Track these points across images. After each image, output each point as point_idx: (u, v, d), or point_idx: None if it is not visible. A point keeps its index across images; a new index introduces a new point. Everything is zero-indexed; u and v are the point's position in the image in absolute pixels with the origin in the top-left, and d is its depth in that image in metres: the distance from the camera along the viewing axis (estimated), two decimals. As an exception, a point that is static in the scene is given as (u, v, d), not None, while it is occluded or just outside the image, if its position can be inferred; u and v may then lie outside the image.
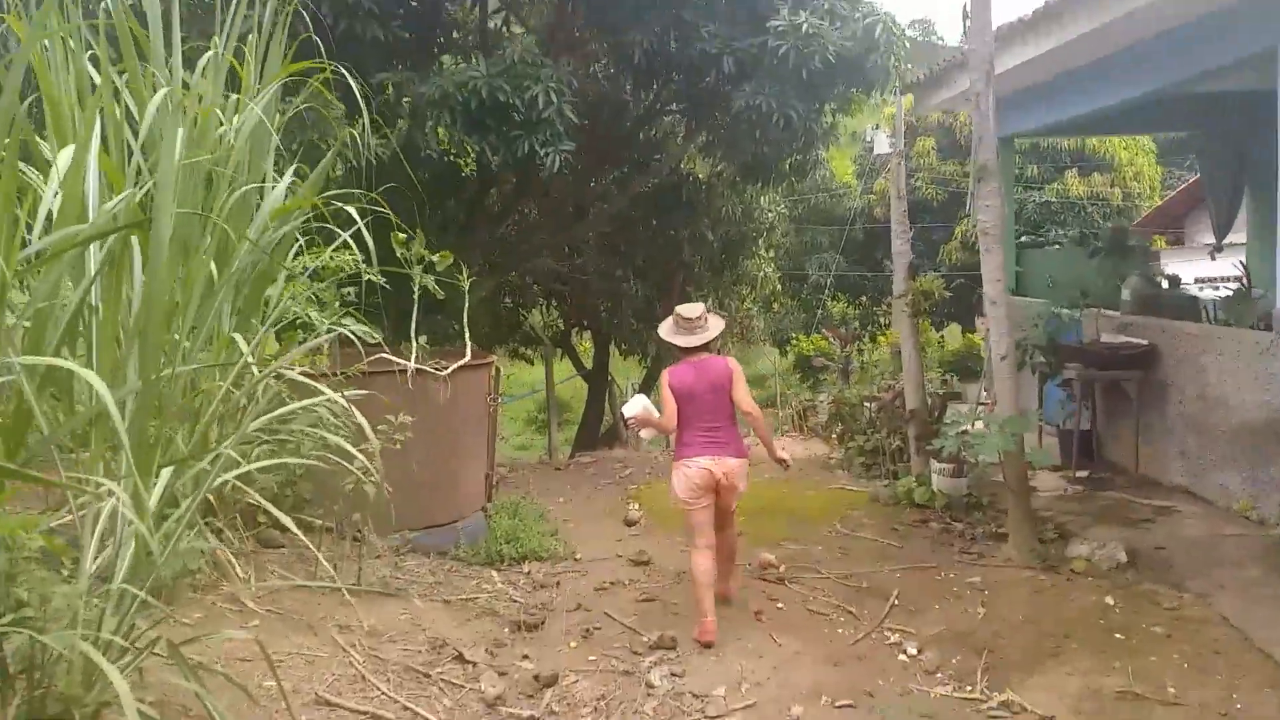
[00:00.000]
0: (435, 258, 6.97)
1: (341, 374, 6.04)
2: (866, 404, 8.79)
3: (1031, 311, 8.54)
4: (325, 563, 4.75)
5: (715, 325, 5.40)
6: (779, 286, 16.26)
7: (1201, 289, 9.67)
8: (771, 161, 12.20)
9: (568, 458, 12.62)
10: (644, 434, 6.18)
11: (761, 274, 15.68)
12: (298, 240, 5.38)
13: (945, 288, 7.42)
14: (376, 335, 7.11)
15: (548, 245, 13.40)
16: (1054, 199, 20.93)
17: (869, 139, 23.36)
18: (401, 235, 6.93)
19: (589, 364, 17.46)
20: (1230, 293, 7.96)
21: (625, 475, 10.23)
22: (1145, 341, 7.09)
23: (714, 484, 5.22)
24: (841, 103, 11.36)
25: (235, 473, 4.18)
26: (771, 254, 16.37)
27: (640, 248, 13.18)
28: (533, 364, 18.34)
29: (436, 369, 6.64)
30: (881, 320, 23.66)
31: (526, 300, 16.77)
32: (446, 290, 11.70)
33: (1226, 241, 10.39)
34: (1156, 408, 7.12)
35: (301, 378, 4.85)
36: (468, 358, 7.05)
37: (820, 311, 21.62)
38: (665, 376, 5.39)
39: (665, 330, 5.56)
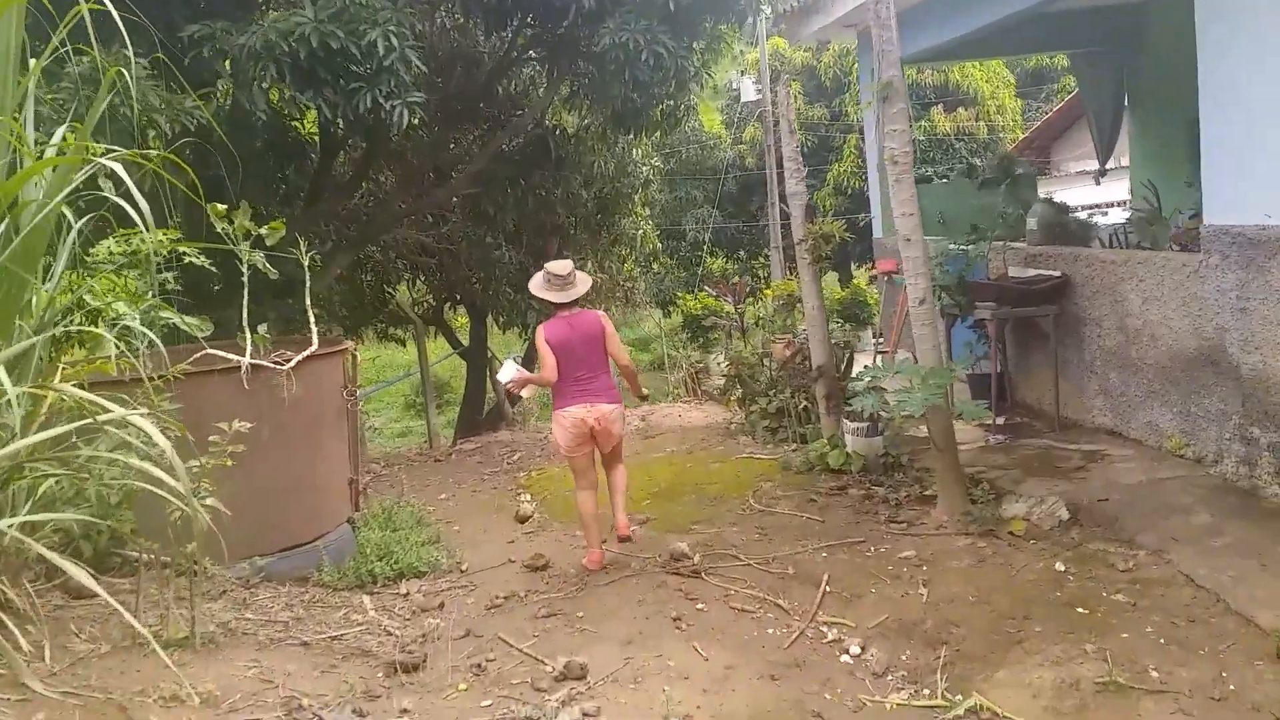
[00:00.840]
0: (264, 230, 5.92)
1: (156, 379, 4.99)
2: (765, 362, 8.15)
3: (938, 250, 8.04)
4: (133, 619, 3.75)
5: (584, 282, 5.61)
6: (659, 245, 15.52)
7: (1091, 216, 9.36)
8: (643, 109, 11.36)
9: (450, 444, 11.65)
10: (525, 393, 6.24)
11: (640, 232, 14.89)
12: (69, 219, 4.31)
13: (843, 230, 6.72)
14: (204, 328, 6.08)
15: (407, 214, 12.31)
16: (921, 136, 20.81)
17: (735, 86, 22.78)
18: (221, 207, 5.85)
19: (467, 340, 16.42)
20: (1130, 217, 7.60)
21: (514, 461, 9.36)
22: (1058, 273, 6.61)
23: (589, 430, 5.53)
24: (711, 40, 10.59)
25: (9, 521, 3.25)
26: (647, 212, 15.61)
27: (510, 212, 12.18)
28: (405, 345, 17.21)
29: (277, 362, 5.63)
30: (761, 273, 23.30)
31: (391, 276, 15.62)
32: (293, 270, 10.55)
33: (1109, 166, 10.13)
34: (1073, 344, 6.67)
35: (82, 392, 3.84)
36: (314, 346, 6.05)
37: (700, 269, 21.05)
38: (541, 332, 5.54)
39: (536, 287, 5.64)
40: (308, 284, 6.53)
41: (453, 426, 16.71)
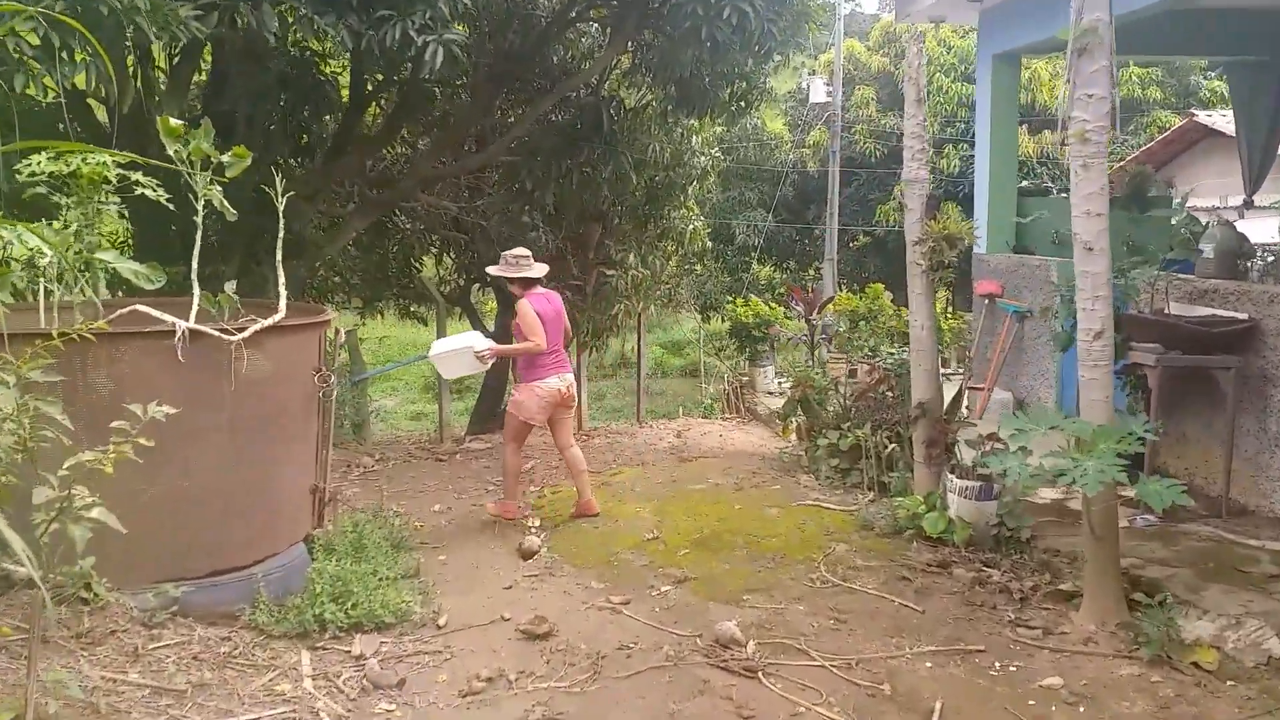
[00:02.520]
0: (225, 157, 4.53)
1: (35, 339, 3.61)
2: (840, 388, 6.67)
3: (1065, 274, 6.51)
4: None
5: (541, 267, 6.07)
6: (708, 243, 14.01)
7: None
8: (711, 88, 9.91)
9: (459, 440, 10.20)
10: (489, 363, 6.34)
11: (690, 228, 13.39)
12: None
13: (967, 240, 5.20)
14: (155, 279, 4.73)
15: (438, 179, 10.94)
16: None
17: (805, 86, 21.23)
18: (176, 123, 4.48)
19: (491, 326, 15.01)
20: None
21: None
22: (1244, 316, 5.09)
23: (561, 398, 5.94)
24: (798, 17, 9.10)
25: None
26: (697, 209, 14.13)
27: (551, 188, 10.75)
28: (426, 324, 15.82)
29: (225, 331, 4.23)
30: (810, 287, 21.72)
31: (418, 249, 14.27)
32: (301, 226, 9.14)
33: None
34: (1255, 409, 5.12)
35: None
36: (281, 313, 4.64)
37: (748, 276, 19.51)
38: (528, 304, 5.83)
39: (500, 269, 6.06)
40: (281, 239, 5.16)
41: (469, 414, 15.32)
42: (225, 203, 4.69)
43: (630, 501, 6.21)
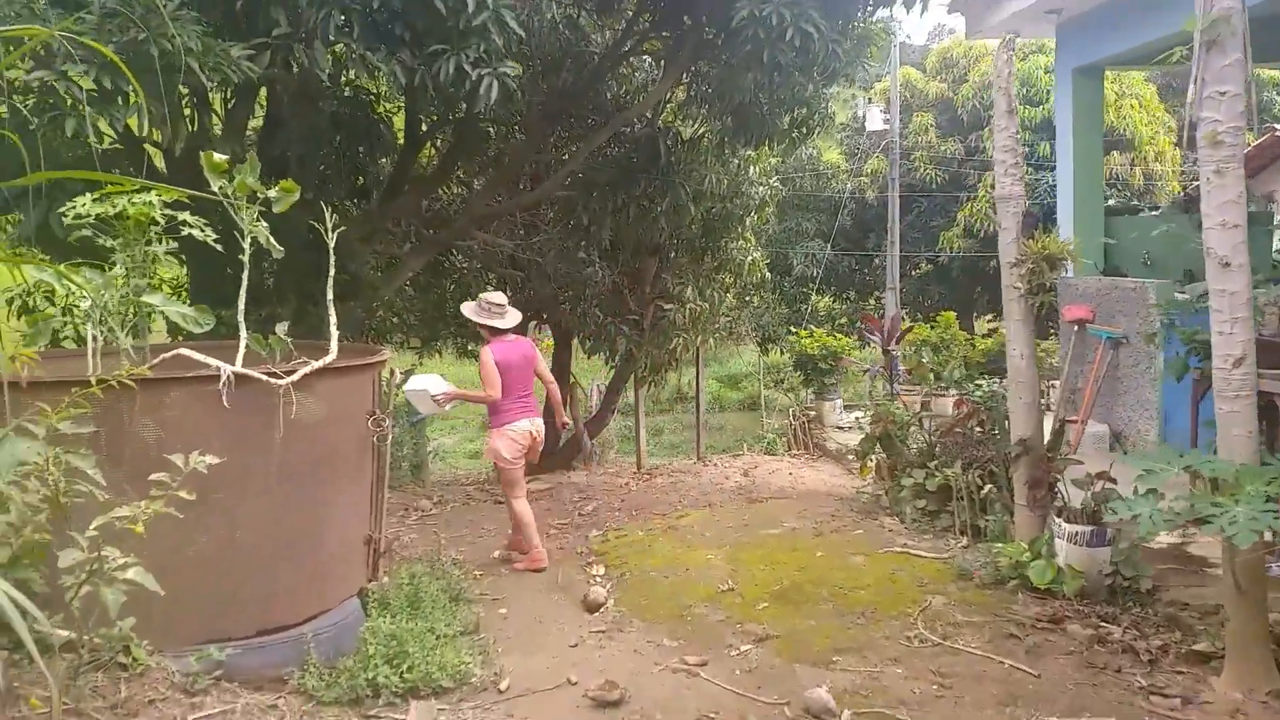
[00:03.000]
0: (272, 193, 4.29)
1: (73, 387, 3.38)
2: (923, 423, 6.21)
3: (1164, 296, 6.02)
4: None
5: (516, 314, 6.25)
6: (766, 275, 13.63)
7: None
8: (769, 116, 9.60)
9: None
10: (448, 407, 6.28)
11: (749, 260, 13.02)
12: None
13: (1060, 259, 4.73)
14: (203, 322, 4.53)
15: (493, 217, 10.74)
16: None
17: (861, 113, 20.84)
18: (220, 158, 4.26)
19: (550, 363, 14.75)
20: None
21: (587, 513, 7.57)
22: (1384, 337, 4.58)
23: (531, 441, 5.99)
24: (860, 40, 8.77)
25: None
26: (753, 240, 13.73)
27: (607, 223, 10.49)
28: (485, 363, 15.62)
29: (274, 375, 3.96)
30: (881, 314, 21.15)
31: (475, 287, 14.09)
32: (357, 267, 8.95)
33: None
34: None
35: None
36: (333, 355, 4.37)
37: (806, 306, 19.04)
38: (489, 353, 5.99)
39: (472, 312, 6.18)
40: (330, 276, 4.92)
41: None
42: (272, 239, 4.44)
43: (700, 548, 5.82)
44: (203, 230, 4.55)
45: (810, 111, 9.90)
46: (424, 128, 10.34)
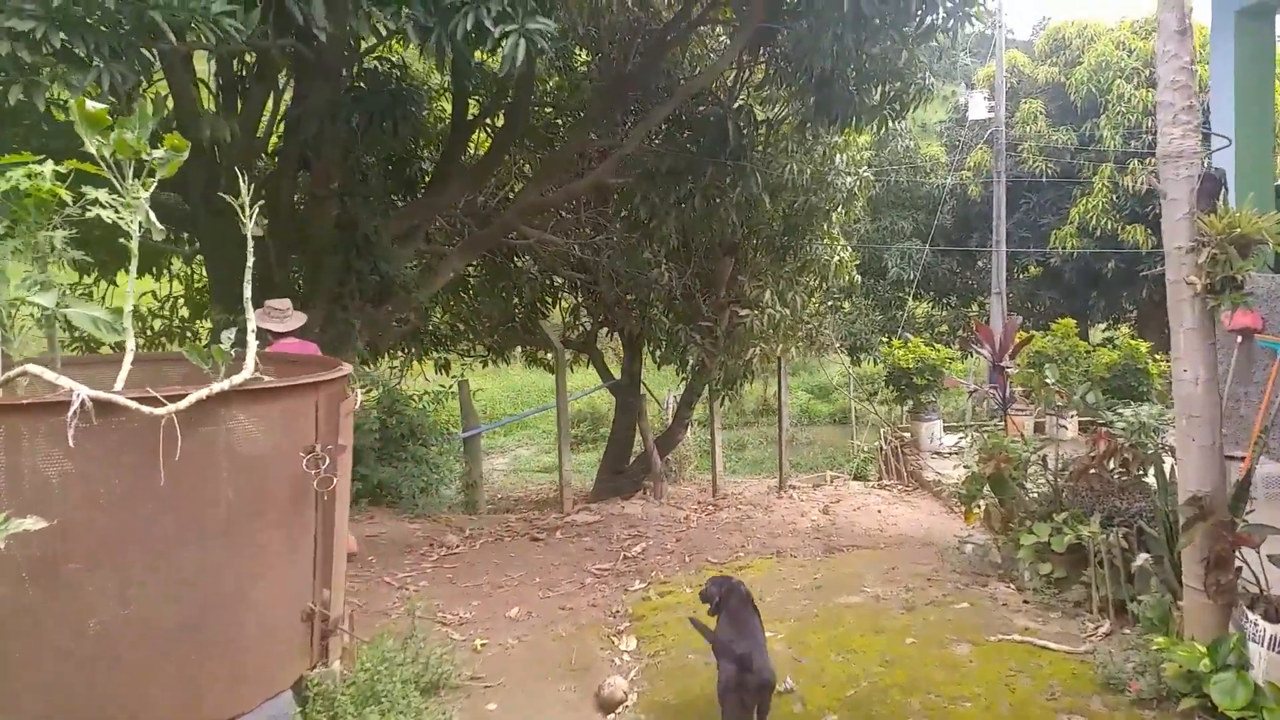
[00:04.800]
0: (159, 153, 3.25)
1: None
2: (1046, 462, 4.85)
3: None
4: None
5: (300, 318, 6.22)
6: (856, 277, 12.20)
7: None
8: (857, 92, 8.31)
9: (565, 511, 8.72)
10: None
11: (835, 260, 11.62)
12: None
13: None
14: (117, 327, 3.54)
15: (539, 209, 9.69)
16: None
17: (963, 101, 19.18)
18: (96, 107, 3.23)
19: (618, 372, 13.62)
20: None
21: (633, 557, 6.38)
22: None
23: None
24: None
25: None
26: (842, 240, 12.31)
27: (671, 219, 9.30)
28: (554, 372, 14.60)
29: (148, 400, 2.88)
30: (987, 321, 19.41)
31: (543, 292, 13.11)
32: (391, 266, 7.96)
33: None
34: None
35: None
36: (247, 372, 3.27)
37: (902, 313, 17.45)
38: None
39: (258, 316, 5.10)
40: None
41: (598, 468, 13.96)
42: (153, 218, 3.38)
43: (759, 618, 4.56)
44: (115, 211, 3.50)
45: (904, 84, 8.55)
46: (469, 103, 9.39)
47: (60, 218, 3.47)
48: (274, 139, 8.60)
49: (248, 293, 3.41)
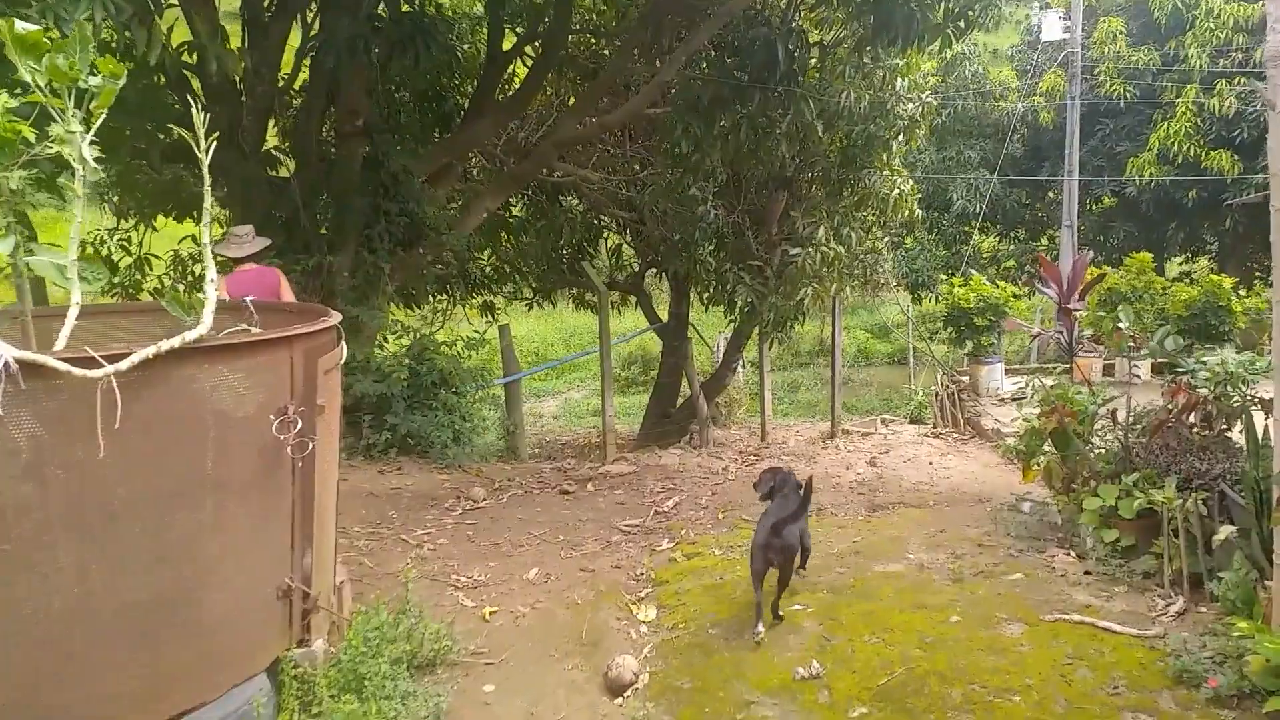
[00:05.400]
0: (95, 80, 2.90)
1: None
2: (1116, 417, 4.34)
3: None
4: None
5: (261, 242, 5.91)
6: (918, 211, 11.50)
7: None
8: (919, 7, 7.65)
9: (598, 462, 8.37)
10: None
11: (895, 194, 10.93)
12: None
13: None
14: (94, 276, 3.27)
15: (572, 142, 9.22)
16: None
17: (1035, 21, 18.02)
18: (26, 28, 2.88)
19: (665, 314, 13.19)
20: None
21: (664, 512, 6.04)
22: None
23: None
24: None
25: None
26: (902, 171, 11.57)
27: (716, 151, 8.74)
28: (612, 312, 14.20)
29: (82, 361, 2.57)
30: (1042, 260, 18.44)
31: (589, 234, 12.70)
32: (419, 206, 7.61)
33: None
34: None
35: None
36: (204, 326, 2.92)
37: (967, 248, 16.63)
38: (224, 284, 5.63)
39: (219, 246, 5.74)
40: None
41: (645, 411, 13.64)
42: (89, 159, 3.03)
43: (787, 592, 4.18)
44: (81, 159, 3.17)
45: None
46: (506, 47, 8.92)
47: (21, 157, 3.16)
48: (302, 77, 8.24)
49: (205, 237, 3.05)
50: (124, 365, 2.60)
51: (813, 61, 9.09)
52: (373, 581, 4.77)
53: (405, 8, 6.94)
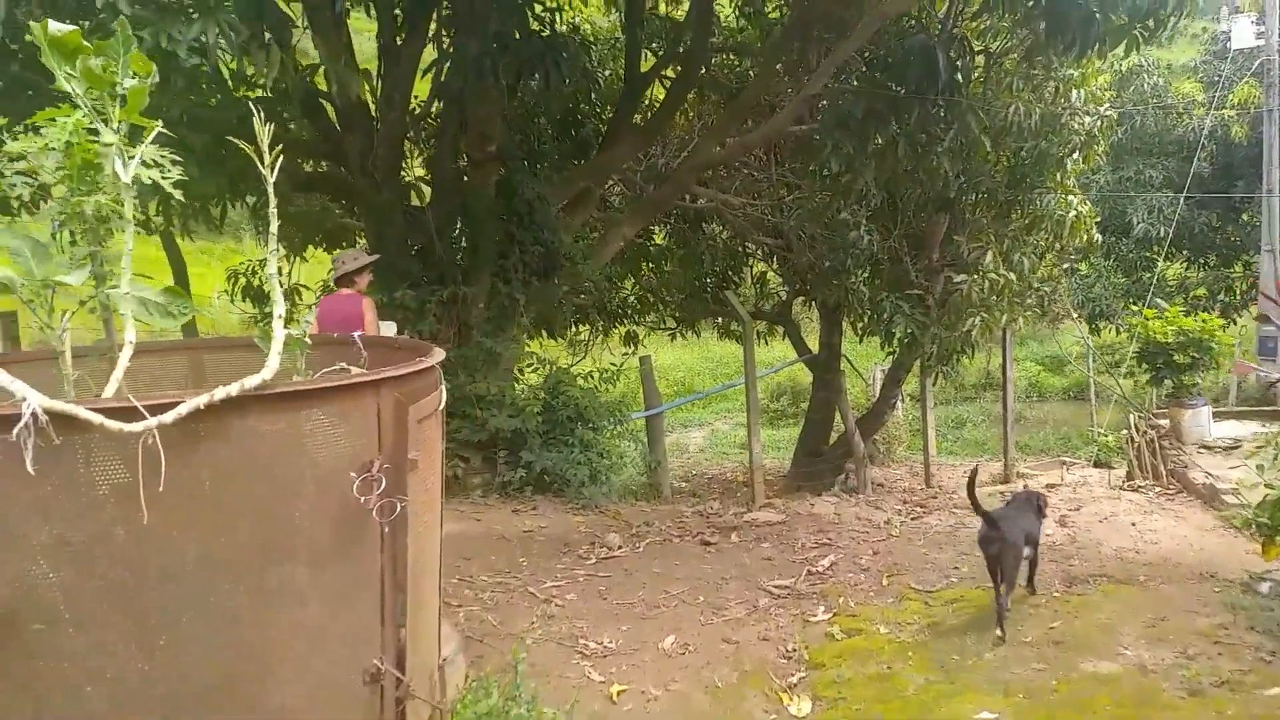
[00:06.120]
0: (129, 83, 2.47)
1: None
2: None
3: None
4: None
5: (356, 259, 5.68)
6: (1095, 235, 10.30)
7: None
8: (1100, 8, 6.73)
9: (743, 508, 7.65)
10: None
11: (1071, 215, 9.80)
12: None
13: None
14: (180, 312, 2.87)
15: (718, 164, 8.65)
16: None
17: (1224, 28, 16.31)
18: (60, 29, 2.48)
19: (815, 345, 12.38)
20: None
21: (819, 573, 5.31)
22: None
23: None
24: None
25: None
26: (1077, 191, 10.37)
27: (869, 171, 7.97)
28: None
29: (120, 412, 2.12)
30: (1238, 288, 16.52)
31: (730, 259, 12.13)
32: (554, 236, 7.21)
33: None
34: None
35: None
36: (270, 370, 2.44)
37: (1151, 275, 14.99)
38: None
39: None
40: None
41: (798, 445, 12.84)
42: (122, 173, 2.62)
43: (972, 691, 3.38)
44: (163, 170, 2.80)
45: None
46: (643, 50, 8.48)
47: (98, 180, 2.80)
48: (437, 105, 8.01)
49: (271, 266, 2.61)
50: (169, 417, 2.14)
51: (976, 73, 8.23)
52: (495, 643, 4.26)
53: (535, 26, 6.54)
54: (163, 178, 2.69)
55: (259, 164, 2.62)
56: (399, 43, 6.94)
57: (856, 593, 4.84)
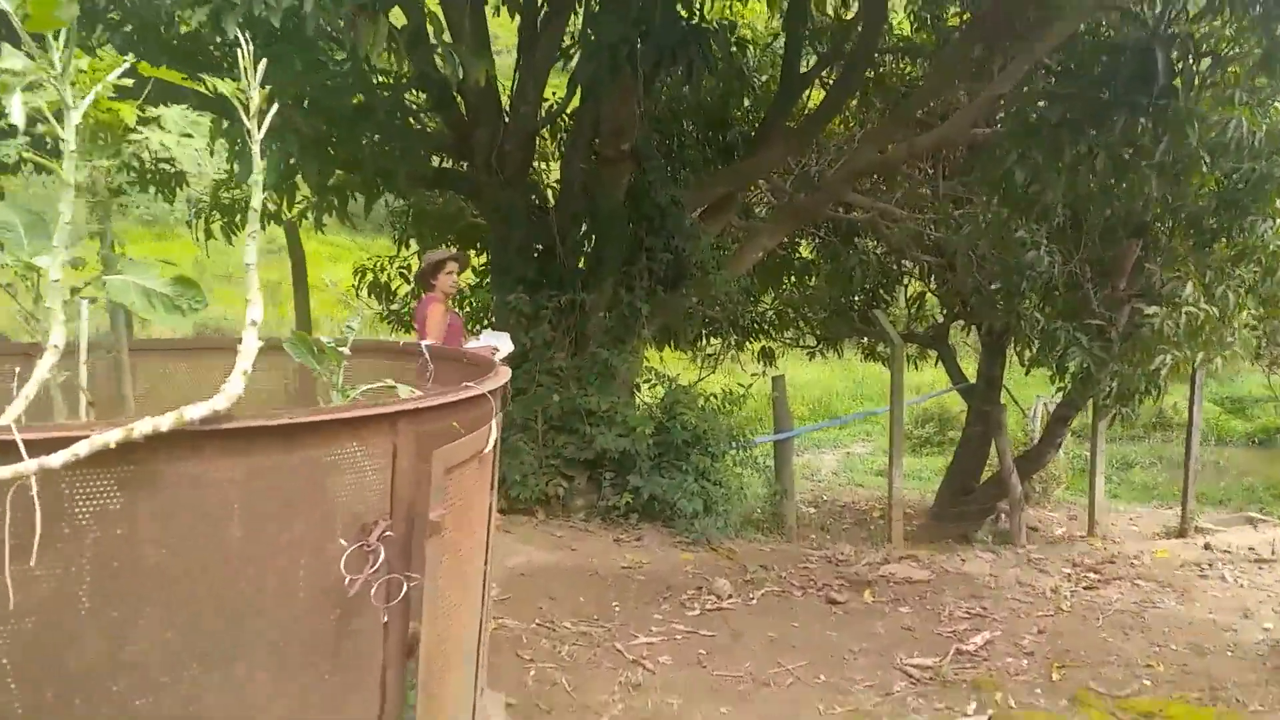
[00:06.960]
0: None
1: None
2: None
3: None
4: None
5: (435, 254, 5.44)
6: (1323, 272, 8.65)
7: None
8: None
9: (879, 559, 6.60)
10: None
11: (1289, 245, 8.24)
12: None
13: None
14: (192, 303, 2.21)
15: (876, 171, 7.67)
16: None
17: None
18: None
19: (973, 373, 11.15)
20: None
21: (970, 651, 4.30)
22: None
23: None
24: None
25: None
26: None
27: (1059, 186, 6.78)
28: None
29: (41, 441, 1.45)
30: None
31: (883, 277, 11.06)
32: (685, 242, 6.45)
33: None
34: None
35: None
36: (233, 390, 1.73)
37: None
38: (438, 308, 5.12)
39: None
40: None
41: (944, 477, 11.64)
42: (194, 161, 2.00)
43: None
44: (171, 143, 2.19)
45: None
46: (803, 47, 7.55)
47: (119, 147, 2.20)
48: (574, 100, 7.34)
49: (250, 255, 1.90)
50: (59, 459, 1.47)
51: (1199, 76, 6.92)
52: (562, 715, 3.51)
53: (683, 13, 5.72)
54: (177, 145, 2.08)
55: (245, 118, 1.93)
56: (537, 27, 6.30)
57: (1018, 687, 3.83)
